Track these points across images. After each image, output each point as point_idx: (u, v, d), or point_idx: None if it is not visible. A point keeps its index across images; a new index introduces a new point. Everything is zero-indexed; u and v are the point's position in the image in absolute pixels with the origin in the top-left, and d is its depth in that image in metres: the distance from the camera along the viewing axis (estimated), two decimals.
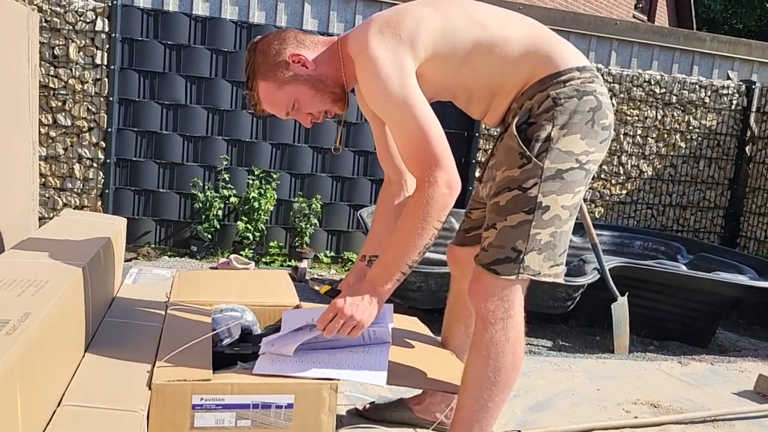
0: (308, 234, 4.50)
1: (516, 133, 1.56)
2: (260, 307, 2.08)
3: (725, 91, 5.28)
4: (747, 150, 5.38)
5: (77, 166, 4.22)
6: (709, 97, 5.25)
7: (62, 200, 4.24)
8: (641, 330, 3.40)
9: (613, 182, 5.18)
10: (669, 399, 2.60)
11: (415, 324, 2.28)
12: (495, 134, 4.71)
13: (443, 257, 2.24)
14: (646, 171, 5.23)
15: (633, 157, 5.18)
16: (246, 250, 4.39)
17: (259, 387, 1.56)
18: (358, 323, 1.57)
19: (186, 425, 1.50)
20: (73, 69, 4.12)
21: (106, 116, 4.20)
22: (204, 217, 4.35)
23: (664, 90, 5.14)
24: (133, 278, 2.40)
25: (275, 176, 4.47)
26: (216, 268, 4.07)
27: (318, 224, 4.58)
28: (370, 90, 1.53)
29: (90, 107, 4.18)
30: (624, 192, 5.22)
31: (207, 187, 4.40)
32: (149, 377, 1.51)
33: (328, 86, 1.63)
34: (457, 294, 2.01)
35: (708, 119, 5.28)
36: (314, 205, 4.48)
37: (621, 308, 3.19)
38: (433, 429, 1.97)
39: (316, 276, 4.30)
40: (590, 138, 1.57)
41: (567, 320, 3.56)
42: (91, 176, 4.25)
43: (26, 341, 1.16)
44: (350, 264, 4.62)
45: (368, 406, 2.11)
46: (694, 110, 5.24)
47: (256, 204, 4.35)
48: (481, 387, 1.61)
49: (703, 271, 3.47)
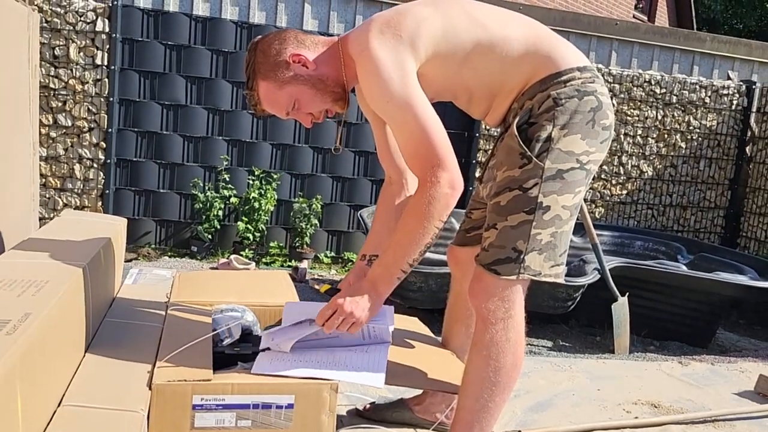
0: (308, 234, 4.50)
1: (517, 133, 1.56)
2: (260, 308, 2.08)
3: (725, 92, 5.28)
4: (747, 150, 5.38)
5: (77, 167, 4.22)
6: (710, 98, 5.25)
7: (62, 200, 4.24)
8: (641, 330, 3.40)
9: (614, 182, 5.18)
10: (669, 399, 2.60)
11: (416, 324, 2.28)
12: (495, 134, 4.70)
13: (443, 257, 2.24)
14: (647, 171, 5.23)
15: (633, 158, 5.18)
16: (246, 251, 4.39)
17: (260, 387, 1.55)
18: (357, 320, 1.58)
19: (186, 425, 1.50)
20: (74, 69, 4.12)
21: (107, 116, 4.20)
22: (204, 218, 4.36)
23: (665, 90, 5.14)
24: (134, 278, 2.40)
25: (275, 176, 4.47)
26: (216, 269, 4.07)
27: (318, 224, 4.58)
28: (372, 90, 1.53)
29: (90, 108, 4.18)
30: (624, 192, 5.22)
31: (207, 188, 4.40)
32: (149, 377, 1.51)
33: (329, 86, 1.63)
34: (458, 294, 2.01)
35: (708, 119, 5.28)
36: (314, 206, 4.48)
37: (621, 308, 3.18)
38: (434, 429, 1.97)
39: (317, 276, 4.30)
40: (591, 138, 1.57)
41: (567, 320, 3.56)
42: (92, 176, 4.25)
43: (26, 341, 1.16)
44: (350, 264, 4.62)
45: (368, 407, 2.11)
46: (695, 110, 5.24)
47: (257, 204, 4.35)
48: (482, 387, 1.61)
49: (704, 272, 3.47)
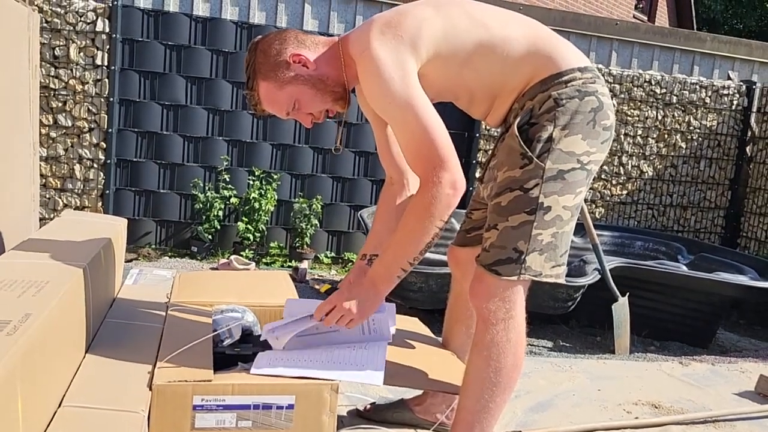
0: (309, 234, 4.50)
1: (517, 134, 1.56)
2: (261, 308, 2.08)
3: (726, 92, 5.27)
4: (747, 150, 5.38)
5: (78, 167, 4.22)
6: (710, 98, 5.25)
7: (63, 201, 4.24)
8: (642, 330, 3.40)
9: (614, 182, 5.17)
10: (670, 399, 2.60)
11: (416, 325, 2.28)
12: (496, 134, 4.70)
13: (444, 258, 2.24)
14: (647, 171, 5.23)
15: (633, 158, 5.18)
16: (246, 251, 4.39)
17: (260, 388, 1.55)
18: (356, 316, 1.62)
19: (187, 426, 1.50)
20: (74, 70, 4.12)
21: (107, 117, 4.20)
22: (204, 218, 4.35)
23: (665, 90, 5.14)
24: (134, 279, 2.40)
25: (276, 177, 4.47)
26: (216, 269, 4.07)
27: (318, 225, 4.58)
28: (373, 91, 1.53)
29: (90, 108, 4.18)
30: (625, 192, 5.22)
31: (207, 188, 4.40)
32: (150, 378, 1.51)
33: (329, 86, 1.63)
34: (458, 294, 2.01)
35: (708, 119, 5.28)
36: (315, 206, 4.48)
37: (622, 309, 3.18)
38: (434, 430, 1.97)
39: (317, 276, 4.30)
40: (592, 138, 1.57)
41: (568, 321, 3.56)
42: (92, 177, 4.25)
43: (27, 342, 1.16)
44: (350, 264, 4.62)
45: (369, 407, 2.10)
46: (695, 110, 5.24)
47: (257, 204, 4.35)
48: (483, 388, 1.61)
49: (704, 272, 3.47)
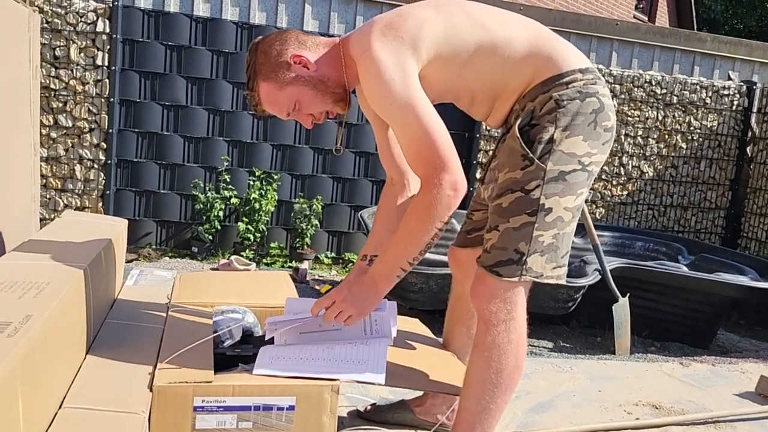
0: (309, 235, 4.50)
1: (518, 135, 1.56)
2: (261, 309, 2.08)
3: (726, 92, 5.27)
4: (748, 151, 5.37)
5: (78, 167, 4.22)
6: (710, 98, 5.25)
7: (63, 201, 4.24)
8: (642, 331, 3.40)
9: (614, 183, 5.17)
10: (670, 400, 2.60)
11: (417, 325, 2.28)
12: (496, 135, 4.70)
13: (444, 258, 2.24)
14: (647, 172, 5.23)
15: (634, 158, 5.18)
16: (247, 251, 4.39)
17: (261, 389, 1.56)
18: (354, 313, 1.64)
19: (187, 427, 1.50)
20: (74, 70, 4.12)
21: (107, 117, 4.20)
22: (205, 218, 4.35)
23: (665, 90, 5.14)
24: (134, 279, 2.40)
25: (276, 177, 4.47)
26: (217, 269, 4.07)
27: (319, 225, 4.58)
28: (373, 92, 1.53)
29: (91, 108, 4.18)
30: (625, 193, 5.21)
31: (208, 188, 4.40)
32: (150, 379, 1.51)
33: (330, 87, 1.63)
34: (459, 295, 2.01)
35: (709, 120, 5.28)
36: (315, 206, 4.48)
37: (622, 309, 3.18)
38: (435, 431, 1.97)
39: (317, 277, 4.30)
40: (592, 140, 1.57)
41: (568, 321, 3.56)
42: (92, 177, 4.25)
43: (28, 343, 1.16)
44: (351, 265, 4.62)
45: (369, 408, 2.11)
46: (695, 111, 5.24)
47: (257, 205, 4.35)
48: (483, 389, 1.61)
49: (704, 272, 3.46)
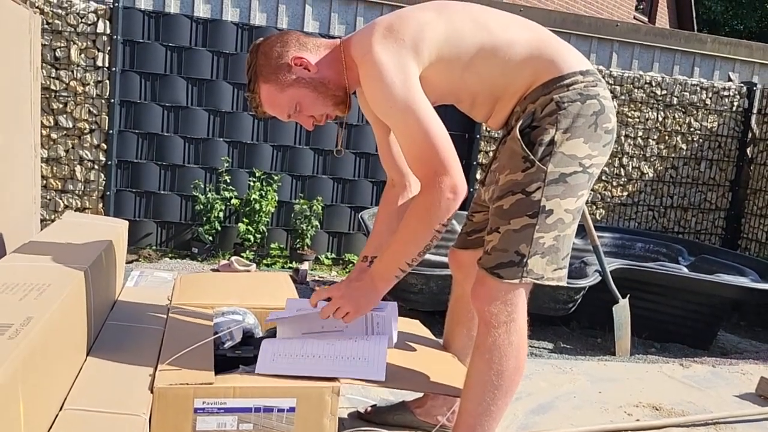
0: (309, 236, 4.50)
1: (519, 137, 1.56)
2: (262, 310, 2.08)
3: (726, 93, 5.27)
4: (748, 152, 5.38)
5: (78, 168, 4.22)
6: (710, 99, 5.25)
7: (63, 202, 4.24)
8: (642, 332, 3.40)
9: (615, 184, 5.17)
10: (671, 401, 2.60)
11: (417, 327, 2.27)
12: (496, 136, 4.70)
13: (445, 259, 2.24)
14: (647, 173, 5.23)
15: (634, 159, 5.18)
16: (247, 252, 4.39)
17: (261, 390, 1.56)
18: (352, 310, 1.66)
19: (188, 429, 1.50)
20: (75, 71, 4.12)
21: (108, 118, 4.20)
22: (205, 219, 4.35)
23: (665, 91, 5.14)
24: (135, 281, 2.40)
25: (276, 178, 4.47)
26: (217, 270, 4.07)
27: (319, 226, 4.58)
28: (374, 95, 1.53)
29: (91, 109, 4.18)
30: (625, 194, 5.21)
31: (208, 189, 4.40)
32: (151, 381, 1.51)
33: (330, 89, 1.63)
34: (459, 297, 2.01)
35: (709, 121, 5.28)
36: (315, 207, 4.48)
37: (622, 310, 3.18)
38: None
39: (317, 278, 4.30)
40: (593, 142, 1.57)
41: (568, 322, 3.56)
42: (93, 178, 4.25)
43: (29, 345, 1.16)
44: (351, 266, 4.62)
45: (370, 409, 2.10)
46: (695, 112, 5.24)
47: (257, 206, 4.35)
48: (484, 390, 1.61)
49: (705, 273, 3.46)
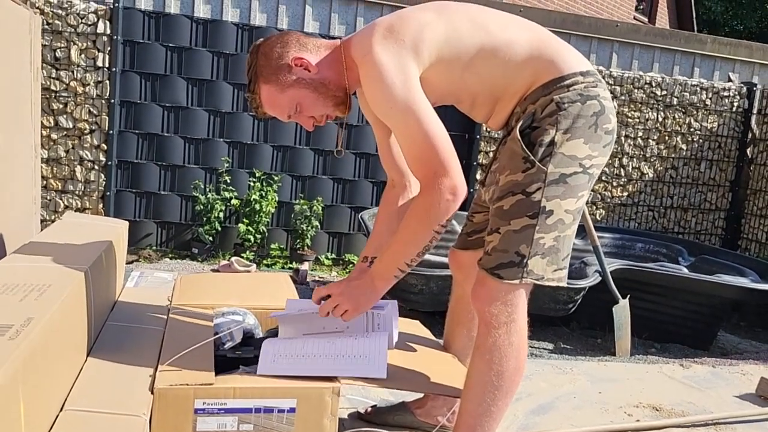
0: (309, 236, 4.50)
1: (519, 138, 1.56)
2: (262, 310, 2.08)
3: (726, 93, 5.27)
4: (748, 152, 5.38)
5: (78, 169, 4.22)
6: (710, 99, 5.25)
7: (64, 202, 4.24)
8: (642, 332, 3.40)
9: (615, 184, 5.17)
10: (671, 402, 2.60)
11: (417, 327, 2.27)
12: (496, 137, 4.70)
13: (445, 260, 2.24)
14: (647, 173, 5.23)
15: (634, 159, 5.18)
16: (247, 253, 4.39)
17: (262, 391, 1.56)
18: (351, 308, 1.67)
19: (188, 429, 1.50)
20: (75, 71, 4.12)
21: (108, 118, 4.20)
22: (205, 220, 4.35)
23: (665, 92, 5.14)
24: (135, 281, 2.40)
25: (276, 178, 4.47)
26: (217, 271, 4.07)
27: (319, 226, 4.58)
28: (375, 95, 1.53)
29: (91, 109, 4.18)
30: (625, 194, 5.21)
31: (208, 189, 4.40)
32: (151, 381, 1.51)
33: (331, 90, 1.63)
34: (459, 297, 2.01)
35: (709, 121, 5.28)
36: (315, 208, 4.48)
37: (622, 311, 3.18)
38: None
39: (318, 278, 4.30)
40: (594, 142, 1.57)
41: (568, 323, 3.56)
42: (93, 178, 4.25)
43: (29, 346, 1.16)
44: (351, 266, 4.62)
45: (370, 410, 2.10)
46: (695, 112, 5.24)
47: (257, 206, 4.35)
48: (484, 391, 1.61)
49: (705, 274, 3.46)
